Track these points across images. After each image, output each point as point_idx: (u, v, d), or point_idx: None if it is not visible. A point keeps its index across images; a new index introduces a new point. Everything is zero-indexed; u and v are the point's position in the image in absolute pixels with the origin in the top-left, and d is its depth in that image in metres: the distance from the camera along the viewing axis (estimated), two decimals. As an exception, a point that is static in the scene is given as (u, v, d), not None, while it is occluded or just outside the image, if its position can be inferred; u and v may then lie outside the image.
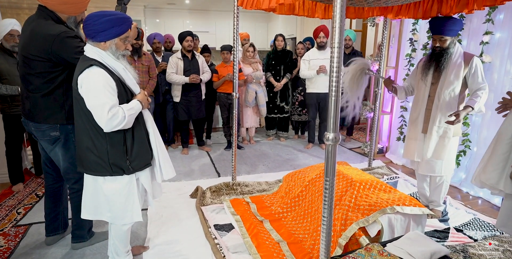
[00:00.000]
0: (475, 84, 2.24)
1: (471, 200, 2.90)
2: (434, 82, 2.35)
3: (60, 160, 1.91)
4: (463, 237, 2.22)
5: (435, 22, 2.27)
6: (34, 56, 1.72)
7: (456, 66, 2.26)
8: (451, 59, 2.27)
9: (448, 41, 2.26)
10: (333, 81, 1.20)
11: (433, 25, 2.29)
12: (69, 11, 1.79)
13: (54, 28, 1.70)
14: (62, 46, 1.68)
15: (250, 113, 4.45)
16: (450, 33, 2.23)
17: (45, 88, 1.78)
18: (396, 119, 3.94)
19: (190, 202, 2.79)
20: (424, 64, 2.41)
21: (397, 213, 1.93)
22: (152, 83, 3.72)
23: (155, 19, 7.54)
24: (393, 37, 3.84)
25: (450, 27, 2.21)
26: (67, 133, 1.87)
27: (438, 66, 2.31)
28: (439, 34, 2.25)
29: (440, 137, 2.34)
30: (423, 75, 2.40)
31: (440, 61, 2.29)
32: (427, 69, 2.38)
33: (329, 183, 1.29)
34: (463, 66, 2.24)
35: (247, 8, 2.34)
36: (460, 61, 2.25)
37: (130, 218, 1.73)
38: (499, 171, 1.45)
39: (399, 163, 3.84)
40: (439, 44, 2.29)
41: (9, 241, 2.19)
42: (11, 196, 2.88)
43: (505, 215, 1.54)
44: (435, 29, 2.26)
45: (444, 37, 2.25)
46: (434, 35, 2.29)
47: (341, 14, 1.15)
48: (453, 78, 2.26)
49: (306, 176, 2.56)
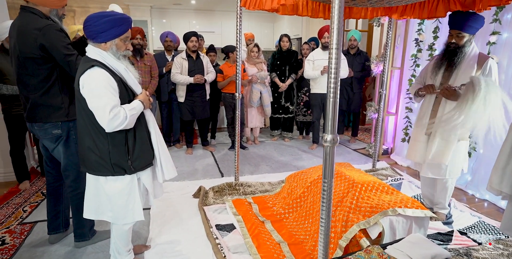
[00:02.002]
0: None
1: (476, 203, 2.86)
2: (443, 82, 2.25)
3: (61, 158, 1.94)
4: (467, 240, 2.19)
5: (456, 16, 2.14)
6: (24, 53, 1.75)
7: (468, 67, 2.13)
8: (464, 59, 2.15)
9: (465, 38, 2.12)
10: (332, 83, 1.20)
11: (452, 19, 2.15)
12: (51, 3, 1.81)
13: (39, 22, 1.74)
14: (48, 38, 1.71)
15: (255, 113, 4.45)
16: (469, 30, 2.10)
17: (41, 88, 1.81)
18: (401, 120, 3.90)
19: (193, 201, 2.80)
20: (435, 62, 2.30)
21: (398, 215, 1.92)
22: (154, 83, 3.76)
23: (162, 19, 7.59)
24: (398, 37, 3.80)
25: (470, 23, 2.08)
26: (69, 130, 1.91)
27: (449, 66, 2.20)
28: (457, 29, 2.11)
29: (443, 140, 2.24)
30: (433, 74, 2.30)
31: (453, 60, 2.17)
32: (437, 68, 2.27)
33: (327, 185, 1.28)
34: (476, 68, 2.12)
35: (250, 8, 2.35)
36: (473, 62, 2.13)
37: (131, 218, 1.75)
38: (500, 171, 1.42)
39: (404, 164, 3.80)
40: (455, 40, 2.14)
41: (15, 238, 2.23)
42: (17, 194, 2.93)
43: (509, 218, 1.51)
44: (454, 23, 2.13)
45: (462, 33, 2.11)
46: (452, 30, 2.15)
47: (339, 16, 1.14)
48: (463, 80, 2.13)
49: (308, 177, 2.55)
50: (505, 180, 1.40)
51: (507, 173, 1.40)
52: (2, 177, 3.27)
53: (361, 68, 4.38)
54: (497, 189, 1.51)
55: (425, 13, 2.56)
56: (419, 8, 2.57)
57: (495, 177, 1.45)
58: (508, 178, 1.40)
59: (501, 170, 1.42)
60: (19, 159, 3.02)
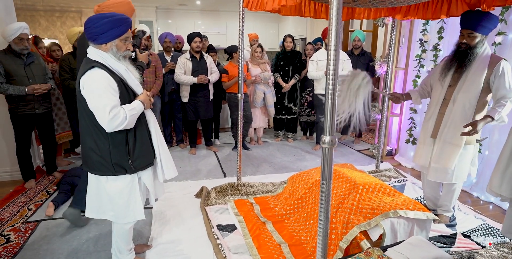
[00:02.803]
0: (500, 91, 2.00)
1: (481, 205, 2.83)
2: (452, 84, 2.18)
3: None
4: (471, 243, 2.16)
5: (468, 15, 2.06)
6: None
7: (478, 69, 2.05)
8: (475, 61, 2.06)
9: (477, 38, 2.04)
10: (330, 84, 1.20)
11: (464, 18, 2.07)
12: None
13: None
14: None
15: (258, 113, 4.45)
16: (482, 30, 2.02)
17: None
18: (406, 121, 3.87)
19: (195, 201, 2.81)
20: (445, 63, 2.23)
21: (400, 217, 1.90)
22: (159, 83, 3.78)
23: (167, 19, 7.64)
24: (403, 37, 3.77)
25: (483, 23, 2.00)
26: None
27: (459, 67, 2.12)
28: (469, 28, 2.03)
29: (449, 143, 2.17)
30: (442, 76, 2.22)
31: (463, 62, 2.08)
32: (446, 69, 2.20)
33: (326, 187, 1.28)
34: (487, 70, 2.03)
35: (252, 9, 2.35)
36: (485, 64, 2.04)
37: (132, 217, 1.76)
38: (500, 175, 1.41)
39: (408, 166, 3.77)
40: (467, 40, 2.06)
41: (19, 236, 2.26)
42: (23, 193, 2.97)
43: (511, 221, 1.49)
44: (466, 22, 2.05)
45: (474, 33, 2.03)
46: (463, 30, 2.07)
47: (337, 17, 1.14)
48: (472, 82, 2.06)
49: (310, 178, 2.54)
50: (505, 184, 1.39)
51: (507, 177, 1.38)
52: (9, 176, 3.32)
53: (365, 69, 4.34)
54: (491, 190, 1.50)
55: (429, 14, 2.54)
56: (422, 8, 2.55)
57: (495, 180, 1.43)
58: (507, 182, 1.39)
59: (500, 173, 1.40)
60: (25, 158, 3.07)
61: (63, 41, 7.08)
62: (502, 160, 1.42)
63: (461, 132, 2.05)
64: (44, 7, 6.73)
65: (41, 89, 2.89)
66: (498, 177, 1.41)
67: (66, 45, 7.09)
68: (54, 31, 7.08)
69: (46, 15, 6.95)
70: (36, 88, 2.85)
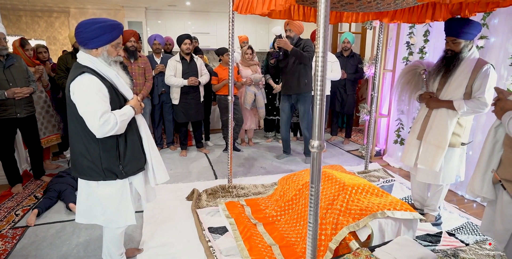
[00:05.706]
0: (478, 92, 2.08)
1: (465, 203, 2.91)
2: (439, 88, 2.26)
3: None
4: (455, 241, 2.23)
5: (450, 23, 2.15)
6: None
7: (463, 73, 2.12)
8: (460, 65, 2.13)
9: (461, 44, 2.12)
10: (318, 90, 1.22)
11: (448, 26, 2.16)
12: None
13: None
14: None
15: (249, 115, 4.47)
16: (464, 36, 2.09)
17: None
18: (394, 122, 3.95)
19: (186, 204, 2.82)
20: (434, 69, 2.31)
21: (387, 218, 1.95)
22: (148, 85, 3.77)
23: (157, 20, 7.58)
24: (390, 40, 3.85)
25: (465, 30, 2.07)
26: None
27: (445, 72, 2.20)
28: (452, 36, 2.12)
29: (433, 145, 2.24)
30: (431, 81, 2.31)
31: (449, 67, 2.17)
32: (435, 75, 2.28)
33: (315, 190, 1.31)
34: (471, 74, 2.09)
35: (241, 13, 2.37)
36: (469, 69, 2.10)
37: (123, 222, 1.76)
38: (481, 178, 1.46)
39: (396, 166, 3.84)
40: (451, 47, 2.15)
41: (6, 242, 2.23)
42: (10, 198, 2.92)
43: (488, 220, 1.56)
44: (449, 30, 2.13)
45: (457, 39, 2.11)
46: (447, 37, 2.16)
47: (324, 24, 1.17)
48: (457, 86, 2.14)
49: (300, 180, 2.57)
50: (485, 186, 1.44)
51: (487, 179, 1.44)
52: (-5, 180, 3.26)
53: (354, 70, 4.42)
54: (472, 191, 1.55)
55: (414, 18, 2.61)
56: (408, 13, 2.61)
57: (476, 183, 1.49)
58: (487, 184, 1.44)
59: (481, 176, 1.46)
60: (9, 163, 2.99)
61: (50, 42, 6.97)
62: (481, 162, 1.47)
63: (444, 134, 2.13)
64: (31, 8, 6.60)
65: (23, 93, 2.78)
66: (479, 180, 1.46)
67: (53, 46, 6.99)
68: (40, 32, 6.95)
69: (33, 15, 6.82)
70: (17, 92, 2.74)
